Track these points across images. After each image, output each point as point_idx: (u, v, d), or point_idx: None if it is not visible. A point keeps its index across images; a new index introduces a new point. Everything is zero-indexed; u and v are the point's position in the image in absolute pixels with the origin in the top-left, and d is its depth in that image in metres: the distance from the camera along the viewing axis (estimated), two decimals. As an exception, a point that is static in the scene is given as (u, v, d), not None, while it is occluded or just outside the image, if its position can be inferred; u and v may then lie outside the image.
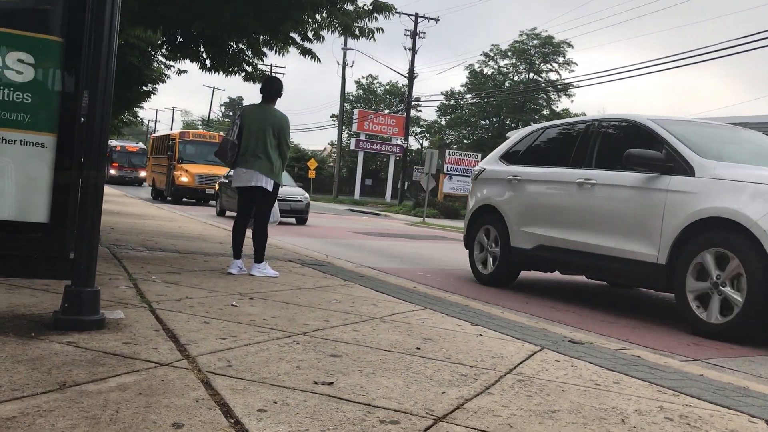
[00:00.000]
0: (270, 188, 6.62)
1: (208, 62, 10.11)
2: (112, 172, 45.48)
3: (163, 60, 17.20)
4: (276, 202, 6.91)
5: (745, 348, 5.50)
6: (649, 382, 3.59)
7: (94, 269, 3.73)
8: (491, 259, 8.37)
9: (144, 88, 19.43)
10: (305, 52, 9.29)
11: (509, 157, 8.70)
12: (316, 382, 2.99)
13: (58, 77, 3.96)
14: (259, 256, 6.68)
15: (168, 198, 29.02)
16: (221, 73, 10.22)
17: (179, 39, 9.76)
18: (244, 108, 7.03)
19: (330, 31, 8.73)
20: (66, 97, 3.95)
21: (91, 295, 3.69)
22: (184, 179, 27.10)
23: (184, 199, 28.13)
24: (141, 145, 51.25)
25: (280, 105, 6.93)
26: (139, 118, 46.56)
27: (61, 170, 3.92)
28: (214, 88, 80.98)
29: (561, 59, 55.33)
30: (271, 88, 6.87)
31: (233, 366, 3.15)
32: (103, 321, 3.72)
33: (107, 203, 15.49)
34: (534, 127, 8.91)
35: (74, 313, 3.61)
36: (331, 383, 3.00)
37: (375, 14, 8.54)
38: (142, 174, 46.26)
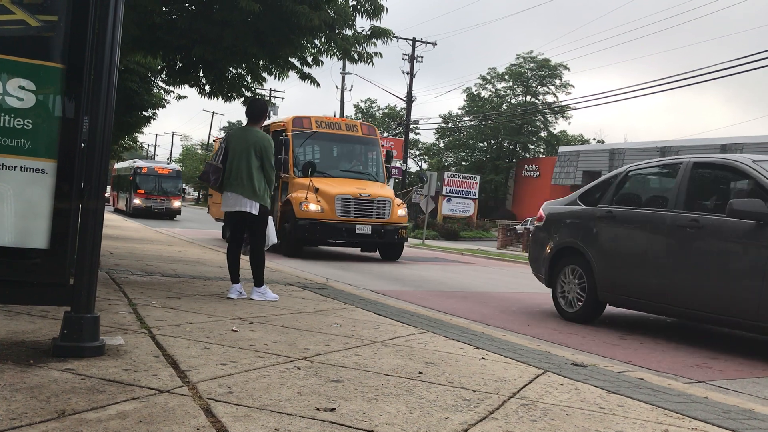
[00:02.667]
0: (255, 212, 6.57)
1: (207, 87, 10.17)
2: (137, 201, 35.53)
3: (163, 85, 17.34)
4: (270, 225, 6.86)
5: (748, 369, 5.46)
6: (654, 405, 3.55)
7: (93, 295, 3.70)
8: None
9: (144, 113, 19.57)
10: (304, 76, 9.36)
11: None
12: (318, 409, 2.96)
13: (58, 103, 3.98)
14: (258, 280, 6.65)
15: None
16: (220, 98, 10.27)
17: (179, 64, 9.82)
18: (229, 131, 7.04)
19: (329, 56, 8.80)
20: (67, 123, 3.96)
21: (91, 321, 3.66)
22: (313, 208, 14.28)
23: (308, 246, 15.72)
24: (174, 166, 40.95)
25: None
26: (138, 143, 43.93)
27: (61, 196, 3.92)
28: (213, 112, 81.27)
29: (558, 82, 55.70)
30: (254, 109, 6.87)
31: (234, 392, 3.12)
32: (103, 347, 3.69)
33: (107, 228, 15.52)
34: None
35: (74, 340, 3.59)
36: (333, 409, 2.97)
37: (373, 39, 8.62)
38: (177, 204, 36.79)
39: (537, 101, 56.56)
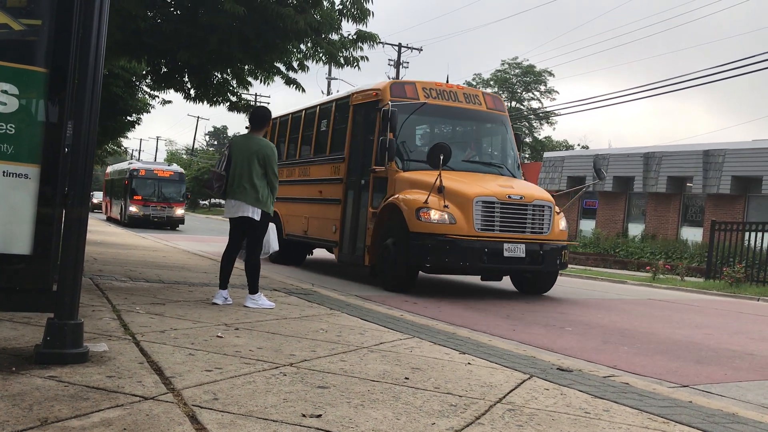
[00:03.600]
0: (257, 218, 6.56)
1: (192, 92, 10.15)
2: (133, 209, 30.36)
3: (148, 90, 17.28)
4: (271, 232, 6.85)
5: (732, 373, 5.51)
6: (639, 409, 3.57)
7: (77, 301, 3.67)
8: None
9: (128, 118, 19.46)
10: (290, 81, 9.37)
11: None
12: (304, 415, 2.94)
13: (42, 108, 3.94)
14: (252, 287, 6.62)
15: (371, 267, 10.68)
16: (206, 102, 10.25)
17: (164, 69, 9.80)
18: (232, 139, 7.06)
19: (315, 61, 8.83)
20: (50, 127, 3.92)
21: (74, 327, 3.62)
22: (437, 217, 9.18)
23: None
24: (176, 168, 34.60)
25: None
26: (123, 148, 43.32)
27: (45, 201, 3.88)
28: (198, 117, 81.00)
29: (542, 88, 56.10)
30: (257, 116, 6.87)
31: (219, 399, 3.10)
32: (87, 354, 3.65)
33: (90, 233, 15.36)
34: None
35: (57, 347, 3.55)
36: (320, 416, 2.96)
37: (359, 43, 8.65)
38: (179, 212, 31.44)
39: (522, 107, 56.91)
